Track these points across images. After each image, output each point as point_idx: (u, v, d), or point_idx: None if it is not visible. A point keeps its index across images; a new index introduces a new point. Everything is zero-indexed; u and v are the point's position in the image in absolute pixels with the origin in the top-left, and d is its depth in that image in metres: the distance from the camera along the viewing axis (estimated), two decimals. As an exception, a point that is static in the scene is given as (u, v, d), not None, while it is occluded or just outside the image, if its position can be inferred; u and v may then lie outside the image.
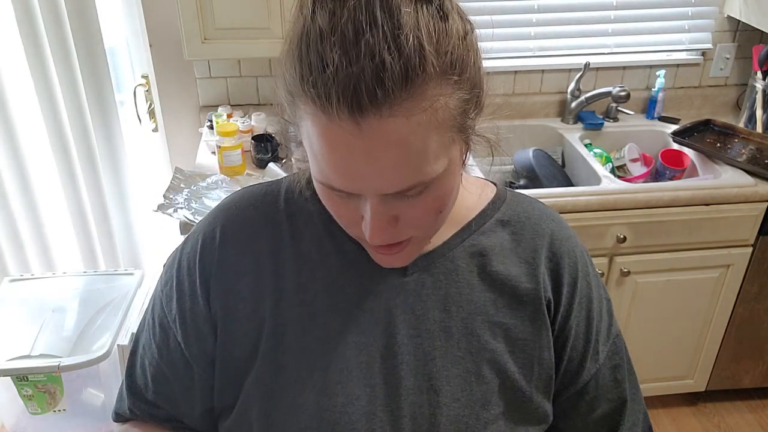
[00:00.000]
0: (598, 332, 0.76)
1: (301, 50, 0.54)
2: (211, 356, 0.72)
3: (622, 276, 1.93)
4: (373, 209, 0.58)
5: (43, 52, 1.75)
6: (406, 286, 0.71)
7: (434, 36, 0.53)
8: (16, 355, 1.55)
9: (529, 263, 0.73)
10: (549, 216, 0.77)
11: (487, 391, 0.70)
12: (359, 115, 0.51)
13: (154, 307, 0.77)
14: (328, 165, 0.56)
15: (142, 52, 2.05)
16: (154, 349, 0.75)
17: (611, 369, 0.78)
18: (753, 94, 2.15)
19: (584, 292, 0.75)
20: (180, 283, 0.73)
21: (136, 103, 2.05)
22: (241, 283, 0.71)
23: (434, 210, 0.61)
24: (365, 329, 0.70)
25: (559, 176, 2.08)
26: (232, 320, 0.71)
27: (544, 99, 2.26)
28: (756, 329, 2.11)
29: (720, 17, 2.23)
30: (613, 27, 2.20)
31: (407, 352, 0.69)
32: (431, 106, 0.53)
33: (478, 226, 0.74)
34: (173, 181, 1.77)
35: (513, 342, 0.71)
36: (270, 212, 0.74)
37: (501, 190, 0.78)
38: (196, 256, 0.73)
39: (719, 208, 1.86)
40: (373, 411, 0.68)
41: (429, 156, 0.55)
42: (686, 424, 2.23)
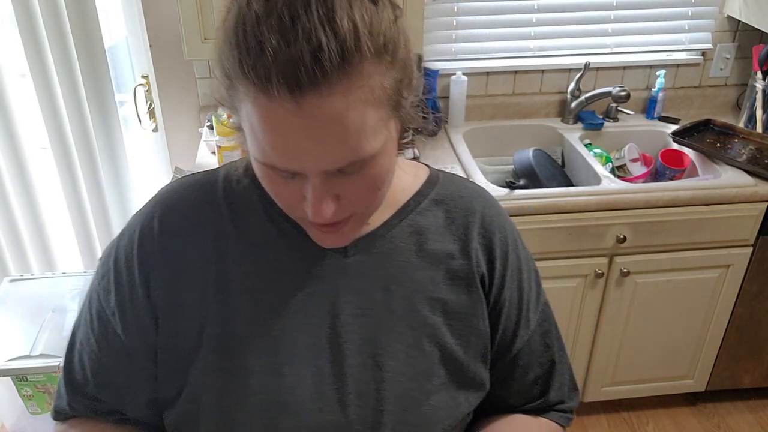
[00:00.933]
0: (529, 302, 0.81)
1: (239, 36, 0.56)
2: (153, 347, 0.73)
3: (622, 276, 1.93)
4: (315, 188, 0.60)
5: (43, 52, 1.75)
6: (349, 268, 0.74)
7: (366, 19, 0.55)
8: (16, 355, 1.55)
9: (462, 240, 0.77)
10: (480, 195, 0.81)
11: (428, 364, 0.73)
12: (299, 95, 0.53)
13: (90, 301, 0.77)
14: (270, 145, 0.57)
15: (142, 52, 2.05)
16: (93, 343, 0.75)
17: (541, 335, 0.83)
18: (753, 94, 2.15)
19: (514, 265, 0.80)
20: (118, 275, 0.73)
21: (136, 103, 2.05)
22: (184, 272, 0.72)
23: (373, 187, 0.63)
24: (310, 311, 0.72)
25: (559, 176, 2.08)
26: (176, 310, 0.72)
27: (544, 99, 2.26)
28: (756, 329, 2.11)
29: (720, 17, 2.23)
30: (613, 27, 2.20)
31: (352, 332, 0.72)
32: (368, 84, 0.56)
33: (415, 206, 0.77)
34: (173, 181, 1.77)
35: (451, 315, 0.75)
36: (209, 201, 0.75)
37: (433, 171, 0.82)
38: (134, 248, 0.73)
39: (719, 208, 1.86)
40: (320, 390, 0.70)
41: (367, 132, 0.58)
42: (686, 424, 2.23)
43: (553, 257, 1.88)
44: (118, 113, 1.95)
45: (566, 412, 0.88)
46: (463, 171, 1.94)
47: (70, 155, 1.90)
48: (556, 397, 0.86)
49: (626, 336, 2.06)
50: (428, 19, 2.07)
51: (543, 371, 0.84)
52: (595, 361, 2.10)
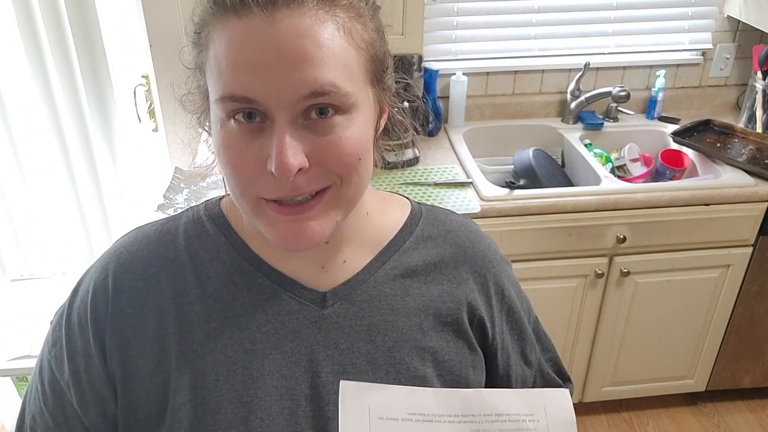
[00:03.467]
0: (528, 327, 0.79)
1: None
2: (113, 420, 0.66)
3: (622, 276, 1.93)
4: (280, 129, 0.55)
5: (43, 52, 1.75)
6: (327, 319, 0.67)
7: None
8: (16, 355, 1.55)
9: (450, 282, 0.72)
10: (467, 227, 0.76)
11: None
12: (272, 8, 0.54)
13: (41, 371, 0.69)
14: (236, 66, 0.55)
15: (142, 52, 2.05)
16: (47, 419, 0.68)
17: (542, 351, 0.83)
18: (753, 94, 2.15)
19: (511, 296, 0.77)
20: (71, 342, 0.66)
21: (136, 103, 2.05)
22: (140, 336, 0.65)
23: (346, 153, 0.57)
24: (286, 372, 0.65)
25: (559, 176, 2.08)
26: (133, 378, 0.64)
27: (544, 99, 2.26)
28: (756, 329, 2.11)
29: (720, 17, 2.23)
30: (613, 27, 2.20)
31: (333, 392, 0.64)
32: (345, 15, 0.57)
33: (399, 245, 0.71)
34: (173, 181, 1.78)
35: (441, 365, 0.70)
36: (168, 253, 0.68)
37: (415, 205, 0.76)
38: (87, 311, 0.66)
39: (719, 208, 1.86)
40: None
41: (339, 63, 0.56)
42: (686, 424, 2.23)
43: (553, 257, 1.88)
44: (117, 113, 1.95)
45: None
46: (463, 171, 1.94)
47: (70, 155, 1.90)
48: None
49: (626, 336, 2.06)
50: (428, 19, 2.07)
51: (553, 383, 0.84)
52: (595, 361, 2.10)
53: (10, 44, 1.73)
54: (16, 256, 1.94)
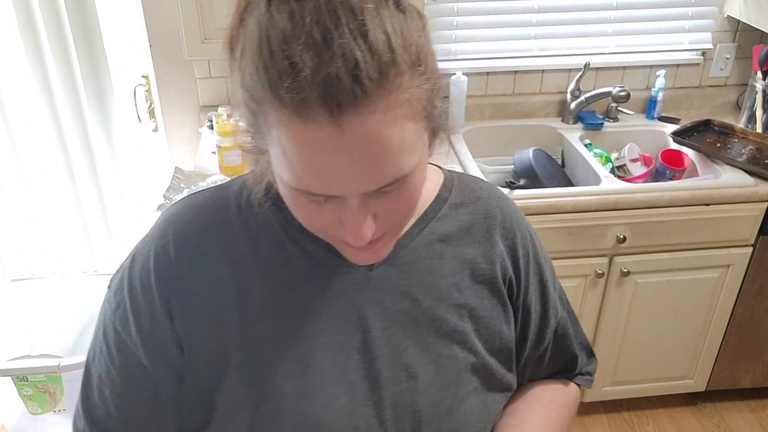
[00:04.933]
0: (552, 290, 0.84)
1: (265, 56, 0.52)
2: (180, 374, 0.70)
3: (622, 276, 1.93)
4: (354, 210, 0.58)
5: (43, 52, 1.75)
6: (373, 281, 0.72)
7: (398, 30, 0.53)
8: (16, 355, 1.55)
9: (483, 244, 0.77)
10: (496, 194, 0.81)
11: (459, 371, 0.73)
12: (339, 116, 0.51)
13: (106, 332, 0.72)
14: (307, 171, 0.55)
15: (142, 52, 2.05)
16: (114, 376, 0.71)
17: (564, 319, 0.86)
18: (753, 94, 2.15)
19: (536, 260, 0.81)
20: (135, 304, 0.70)
21: (136, 103, 2.05)
22: (201, 298, 0.69)
23: (410, 202, 0.61)
24: (338, 329, 0.70)
25: (559, 176, 2.08)
26: (197, 336, 0.69)
27: (544, 99, 2.26)
28: (756, 329, 2.11)
29: (720, 17, 2.23)
30: (613, 27, 2.20)
31: (382, 345, 0.71)
32: (405, 98, 0.54)
33: (435, 213, 0.76)
34: (173, 181, 1.78)
35: (477, 320, 0.75)
36: (221, 221, 0.71)
37: (447, 173, 0.81)
38: (151, 275, 0.69)
39: (719, 208, 1.86)
40: (354, 408, 0.69)
41: (407, 148, 0.56)
42: (686, 424, 2.23)
43: (553, 257, 1.86)
44: (117, 113, 1.95)
45: (588, 374, 0.93)
46: (463, 171, 1.94)
47: (70, 155, 1.90)
48: (580, 366, 0.91)
49: (626, 336, 2.06)
50: (428, 19, 2.07)
51: (569, 351, 0.88)
52: (595, 361, 2.10)
53: (10, 44, 1.73)
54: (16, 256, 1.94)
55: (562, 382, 0.90)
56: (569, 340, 0.87)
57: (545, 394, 0.86)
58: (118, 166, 2.01)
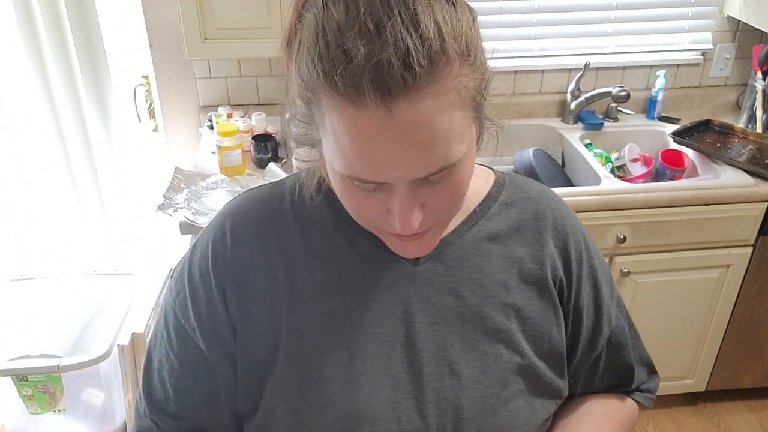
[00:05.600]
0: (607, 297, 0.81)
1: (320, 46, 0.55)
2: (233, 359, 0.73)
3: (622, 276, 1.93)
4: (402, 198, 0.59)
5: (43, 52, 1.75)
6: (419, 276, 0.73)
7: (449, 21, 0.55)
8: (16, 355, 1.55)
9: (532, 245, 0.76)
10: (548, 195, 0.81)
11: (505, 371, 0.72)
12: (390, 101, 0.53)
13: (167, 318, 0.76)
14: (359, 156, 0.56)
15: (142, 52, 2.05)
16: (173, 360, 0.75)
17: (621, 328, 0.84)
18: (753, 94, 2.15)
19: (589, 263, 0.80)
20: (194, 291, 0.73)
21: (136, 103, 2.05)
22: (255, 285, 0.72)
23: (457, 193, 0.62)
24: (383, 320, 0.71)
25: (559, 176, 2.08)
26: (249, 323, 0.72)
27: (544, 99, 2.26)
28: (756, 329, 2.11)
29: (720, 17, 2.23)
30: (613, 27, 2.20)
31: (426, 340, 0.71)
32: (454, 87, 0.55)
33: (485, 211, 0.77)
34: (173, 181, 1.78)
35: (524, 321, 0.74)
36: (276, 214, 0.75)
37: (499, 174, 0.82)
38: (209, 263, 0.73)
39: (719, 208, 1.86)
40: (397, 400, 0.70)
41: (455, 136, 0.57)
42: (686, 424, 2.23)
43: (553, 257, 1.88)
44: (117, 113, 1.95)
45: (648, 392, 0.91)
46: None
47: (70, 155, 1.90)
48: (638, 382, 0.88)
49: (626, 336, 2.06)
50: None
51: (625, 362, 0.85)
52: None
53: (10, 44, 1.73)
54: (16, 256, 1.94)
55: (617, 397, 0.88)
56: (625, 351, 0.84)
57: (599, 408, 0.84)
58: (118, 166, 2.01)
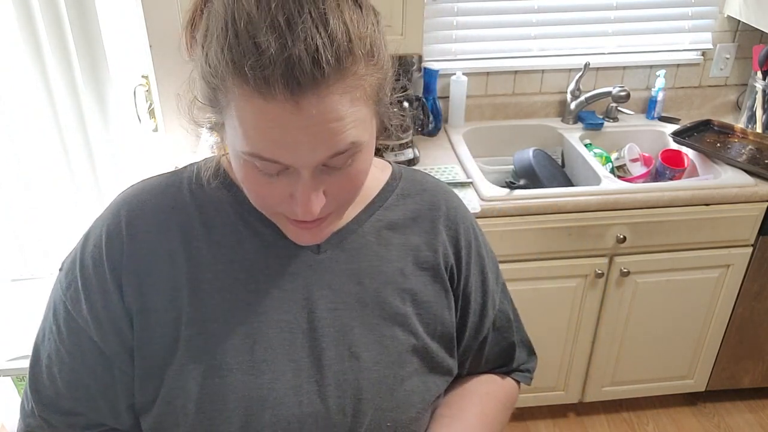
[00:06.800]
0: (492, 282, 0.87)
1: (230, 36, 0.56)
2: (130, 350, 0.72)
3: (622, 276, 1.93)
4: (305, 183, 0.61)
5: (43, 52, 1.75)
6: (321, 264, 0.75)
7: (355, 23, 0.58)
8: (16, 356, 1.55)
9: (428, 233, 0.80)
10: (442, 188, 0.85)
11: (401, 352, 0.76)
12: (299, 95, 0.55)
13: (56, 312, 0.75)
14: (264, 141, 0.58)
15: (142, 52, 2.05)
16: (63, 355, 0.73)
17: (504, 312, 0.89)
18: (753, 94, 2.15)
19: (477, 252, 0.84)
20: (86, 281, 0.72)
21: (136, 103, 2.05)
22: (154, 274, 0.72)
23: (356, 182, 0.65)
24: (286, 308, 0.73)
25: (559, 176, 2.08)
26: (148, 312, 0.71)
27: (544, 99, 2.26)
28: (756, 329, 2.11)
29: (720, 17, 2.23)
30: (613, 27, 2.20)
31: (327, 325, 0.74)
32: (360, 85, 0.58)
33: (383, 201, 0.80)
34: (173, 181, 1.77)
35: (419, 305, 0.78)
36: (175, 202, 0.74)
37: (395, 166, 0.85)
38: (102, 252, 0.72)
39: (719, 208, 1.86)
40: (299, 384, 0.72)
41: (358, 125, 0.60)
42: (686, 424, 2.23)
43: (553, 257, 1.88)
44: (117, 113, 1.95)
45: (528, 371, 0.95)
46: (463, 171, 1.94)
47: (70, 155, 1.90)
48: (518, 362, 0.93)
49: (626, 336, 2.06)
50: (428, 19, 2.07)
51: (507, 344, 0.90)
52: (595, 361, 2.10)
53: (10, 44, 1.73)
54: (16, 256, 1.94)
55: (499, 376, 0.92)
56: (508, 333, 0.89)
57: (481, 386, 0.88)
58: (118, 166, 2.01)
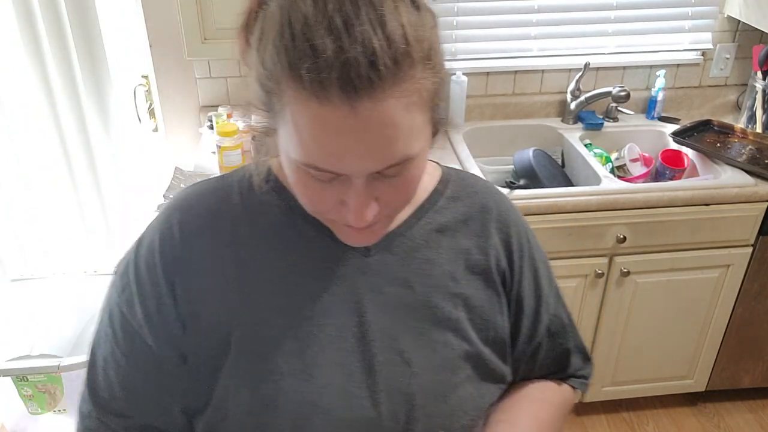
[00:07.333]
0: (546, 287, 0.84)
1: (286, 38, 0.55)
2: (183, 354, 0.72)
3: (622, 276, 1.93)
4: (358, 191, 0.60)
5: (43, 52, 1.75)
6: (370, 267, 0.74)
7: (413, 24, 0.56)
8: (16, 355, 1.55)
9: (479, 236, 0.79)
10: (491, 190, 0.84)
11: (453, 357, 0.74)
12: (355, 99, 0.54)
13: (111, 316, 0.75)
14: (318, 147, 0.57)
15: (142, 52, 2.05)
16: (119, 358, 0.74)
17: (559, 317, 0.87)
18: (753, 94, 2.15)
19: (530, 255, 0.83)
20: (140, 286, 0.72)
21: (136, 103, 2.05)
22: (205, 279, 0.72)
23: (410, 188, 0.64)
24: (335, 311, 0.72)
25: (559, 176, 2.08)
26: (200, 316, 0.71)
27: (544, 99, 2.26)
28: (756, 329, 2.11)
29: (720, 17, 2.23)
30: (613, 27, 2.20)
31: (377, 330, 0.73)
32: (416, 89, 0.57)
33: (432, 204, 0.78)
34: (173, 181, 1.77)
35: (471, 310, 0.77)
36: (224, 206, 0.74)
37: (445, 169, 0.83)
38: (155, 257, 0.72)
39: (719, 208, 1.86)
40: (350, 389, 0.71)
41: (414, 133, 0.58)
42: (686, 424, 2.23)
43: (553, 257, 1.88)
44: (117, 113, 1.95)
45: (584, 378, 0.93)
46: (463, 171, 1.94)
47: (70, 155, 1.90)
48: (574, 368, 0.91)
49: (626, 336, 2.06)
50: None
51: (562, 349, 0.88)
52: (595, 361, 2.08)
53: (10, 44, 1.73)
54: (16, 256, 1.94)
55: (555, 382, 0.90)
56: (563, 339, 0.87)
57: (536, 392, 0.86)
58: (118, 166, 2.01)
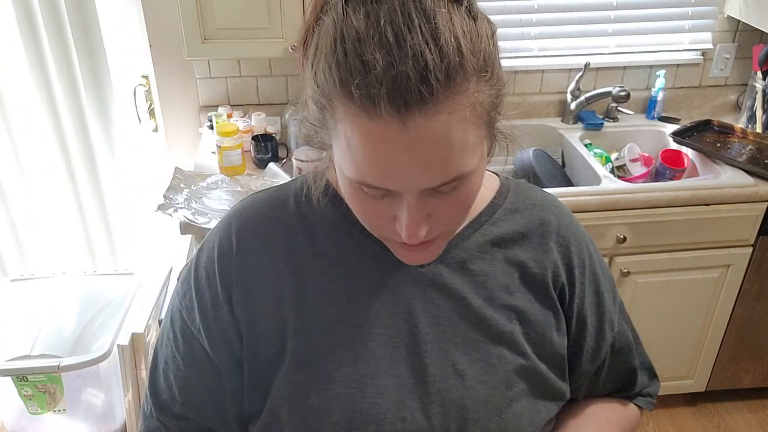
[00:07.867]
0: (610, 303, 0.82)
1: (338, 54, 0.54)
2: (239, 361, 0.73)
3: (622, 276, 1.93)
4: (410, 207, 0.59)
5: (43, 51, 1.75)
6: (424, 277, 0.73)
7: (468, 35, 0.55)
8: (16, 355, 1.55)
9: (536, 250, 0.77)
10: (552, 202, 0.81)
11: (508, 371, 0.73)
12: (405, 115, 0.52)
13: (173, 320, 0.77)
14: (370, 164, 0.56)
15: (142, 52, 2.05)
16: (179, 361, 0.76)
17: (624, 333, 0.85)
18: (753, 94, 2.15)
19: (592, 270, 0.80)
20: (200, 293, 0.74)
21: (136, 103, 2.05)
22: (261, 286, 0.72)
23: (464, 205, 0.63)
24: (388, 321, 0.72)
25: (559, 176, 2.08)
26: (255, 324, 0.72)
27: (544, 99, 2.26)
28: (756, 329, 2.11)
29: (720, 17, 2.23)
30: (613, 27, 2.20)
31: (430, 341, 0.72)
32: (470, 102, 0.55)
33: (489, 215, 0.77)
34: (173, 181, 1.77)
35: (526, 323, 0.75)
36: (281, 216, 0.75)
37: (504, 179, 0.82)
38: (215, 264, 0.73)
39: (719, 208, 1.86)
40: (402, 400, 0.70)
41: (468, 150, 0.57)
42: (686, 424, 2.23)
43: (553, 257, 1.88)
44: (117, 113, 1.95)
45: (650, 396, 0.90)
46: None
47: (70, 156, 1.90)
48: (640, 387, 0.89)
49: (626, 336, 2.06)
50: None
51: (627, 367, 0.86)
52: (595, 361, 2.10)
53: (10, 44, 1.73)
54: (16, 256, 1.94)
55: (620, 401, 0.88)
56: (627, 357, 0.85)
57: (601, 412, 0.84)
58: (118, 166, 2.01)
